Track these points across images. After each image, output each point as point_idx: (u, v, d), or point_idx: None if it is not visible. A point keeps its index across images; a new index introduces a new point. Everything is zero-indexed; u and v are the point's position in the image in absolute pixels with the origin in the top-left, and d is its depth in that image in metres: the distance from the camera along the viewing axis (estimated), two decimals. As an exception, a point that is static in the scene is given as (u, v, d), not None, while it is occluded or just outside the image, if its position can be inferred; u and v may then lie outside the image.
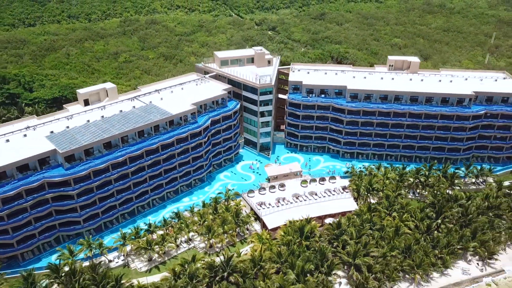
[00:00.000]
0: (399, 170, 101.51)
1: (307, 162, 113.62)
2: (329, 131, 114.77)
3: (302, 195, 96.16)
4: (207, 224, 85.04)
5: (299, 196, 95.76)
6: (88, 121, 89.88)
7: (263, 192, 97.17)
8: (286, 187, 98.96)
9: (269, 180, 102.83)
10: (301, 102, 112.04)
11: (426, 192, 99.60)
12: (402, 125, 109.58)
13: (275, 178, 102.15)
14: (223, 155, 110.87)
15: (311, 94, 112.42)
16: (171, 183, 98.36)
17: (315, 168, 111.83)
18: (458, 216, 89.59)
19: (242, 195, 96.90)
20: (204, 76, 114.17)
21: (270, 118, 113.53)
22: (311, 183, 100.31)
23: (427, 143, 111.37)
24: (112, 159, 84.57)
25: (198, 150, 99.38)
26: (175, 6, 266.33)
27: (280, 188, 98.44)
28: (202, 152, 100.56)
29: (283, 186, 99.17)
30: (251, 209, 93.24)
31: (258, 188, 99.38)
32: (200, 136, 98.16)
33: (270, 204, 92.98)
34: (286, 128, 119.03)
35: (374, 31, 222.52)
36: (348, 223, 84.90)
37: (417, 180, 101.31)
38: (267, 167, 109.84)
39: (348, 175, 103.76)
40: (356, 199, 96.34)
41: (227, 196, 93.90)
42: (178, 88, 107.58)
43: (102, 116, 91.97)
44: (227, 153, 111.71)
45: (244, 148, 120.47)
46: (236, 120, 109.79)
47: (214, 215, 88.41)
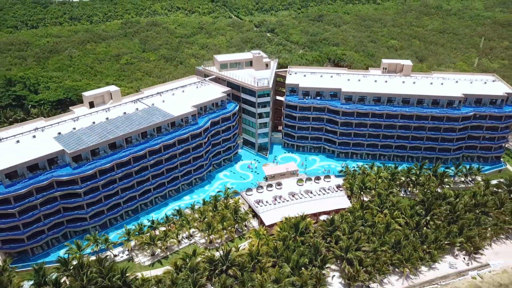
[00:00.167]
0: (391, 169, 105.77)
1: (303, 162, 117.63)
2: (324, 132, 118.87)
3: (298, 193, 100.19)
4: (207, 221, 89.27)
5: (295, 194, 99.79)
6: (93, 122, 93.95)
7: (260, 190, 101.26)
8: (282, 185, 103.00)
9: (266, 179, 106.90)
10: (297, 104, 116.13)
11: (417, 191, 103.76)
12: (394, 126, 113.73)
13: (272, 177, 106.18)
14: (222, 155, 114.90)
15: (307, 96, 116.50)
16: (173, 182, 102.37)
17: (311, 167, 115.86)
18: (446, 213, 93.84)
19: (241, 193, 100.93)
20: (204, 79, 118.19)
21: (268, 120, 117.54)
22: (307, 182, 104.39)
23: (418, 143, 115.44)
24: (116, 159, 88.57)
25: (198, 150, 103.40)
26: (175, 8, 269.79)
27: (277, 187, 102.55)
28: (202, 152, 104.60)
29: (280, 184, 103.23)
30: (249, 206, 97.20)
31: (256, 186, 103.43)
32: (200, 137, 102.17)
33: (267, 201, 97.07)
34: (283, 129, 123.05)
35: (371, 33, 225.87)
36: (341, 219, 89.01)
37: (408, 179, 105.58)
38: (265, 167, 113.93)
39: (342, 174, 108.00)
40: (349, 197, 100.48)
41: (226, 194, 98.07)
42: (179, 90, 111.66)
43: (107, 118, 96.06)
44: (227, 153, 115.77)
45: (243, 148, 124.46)
46: (235, 121, 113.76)
47: (214, 212, 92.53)
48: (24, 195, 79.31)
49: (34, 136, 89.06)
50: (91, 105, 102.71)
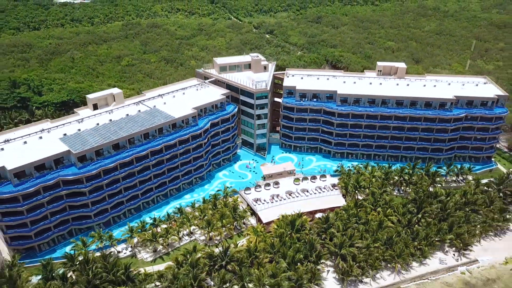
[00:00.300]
0: (385, 169, 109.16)
1: (300, 162, 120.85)
2: (320, 132, 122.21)
3: (294, 192, 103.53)
4: (207, 219, 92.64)
5: (292, 193, 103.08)
6: (97, 124, 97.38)
7: (258, 189, 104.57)
8: (280, 184, 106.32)
9: (264, 178, 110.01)
10: (294, 106, 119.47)
11: (409, 189, 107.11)
12: (388, 127, 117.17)
13: (270, 177, 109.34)
14: (222, 155, 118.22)
15: (304, 98, 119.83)
16: (174, 181, 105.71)
17: (308, 167, 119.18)
18: (437, 211, 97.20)
19: (240, 192, 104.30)
20: (204, 81, 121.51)
21: (266, 121, 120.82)
22: (303, 181, 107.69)
23: (412, 144, 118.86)
24: (120, 159, 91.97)
25: (198, 150, 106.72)
26: (175, 10, 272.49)
27: (275, 186, 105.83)
28: (202, 152, 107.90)
29: (277, 183, 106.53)
30: (248, 205, 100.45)
31: (254, 185, 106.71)
32: (200, 137, 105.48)
33: (265, 200, 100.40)
34: (281, 130, 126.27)
35: (369, 34, 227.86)
36: (336, 217, 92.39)
37: (401, 178, 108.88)
38: (263, 166, 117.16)
39: (338, 173, 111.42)
40: (344, 196, 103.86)
41: (225, 193, 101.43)
42: (180, 93, 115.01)
43: (110, 120, 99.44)
44: (226, 153, 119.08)
45: (242, 148, 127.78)
46: (234, 122, 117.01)
47: (214, 210, 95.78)
48: (32, 194, 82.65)
49: (41, 137, 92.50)
50: (95, 107, 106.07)
